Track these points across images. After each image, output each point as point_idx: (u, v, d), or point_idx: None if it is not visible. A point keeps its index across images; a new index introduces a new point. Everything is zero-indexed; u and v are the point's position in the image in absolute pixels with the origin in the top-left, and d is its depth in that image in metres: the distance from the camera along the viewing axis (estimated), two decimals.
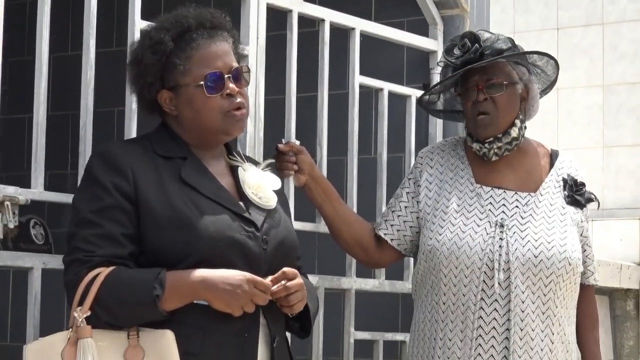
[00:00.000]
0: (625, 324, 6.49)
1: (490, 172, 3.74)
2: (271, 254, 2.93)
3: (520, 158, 3.78)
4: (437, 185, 3.76)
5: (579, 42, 6.96)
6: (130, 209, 2.80)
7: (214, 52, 2.96)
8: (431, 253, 3.64)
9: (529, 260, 3.58)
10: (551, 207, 3.71)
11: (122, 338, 2.73)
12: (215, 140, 3.00)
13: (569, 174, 3.80)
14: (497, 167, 3.73)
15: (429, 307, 3.68)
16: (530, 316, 3.58)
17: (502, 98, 3.63)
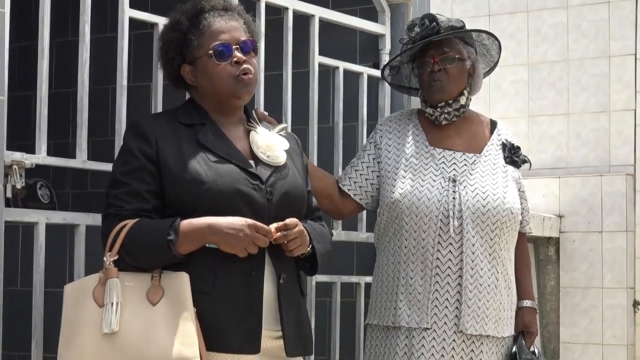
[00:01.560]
0: (548, 267, 6.54)
1: (441, 137, 3.79)
2: (276, 204, 2.95)
3: (466, 125, 3.84)
4: (396, 148, 3.79)
5: (507, 26, 6.96)
6: (153, 169, 2.86)
7: (223, 27, 3.01)
8: (394, 205, 3.67)
9: (479, 210, 3.63)
10: (494, 166, 3.77)
11: (146, 279, 2.78)
12: (230, 104, 3.03)
13: (507, 139, 3.86)
14: (447, 132, 3.79)
15: (392, 251, 3.72)
16: (479, 257, 3.63)
17: (453, 70, 3.71)
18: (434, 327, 3.63)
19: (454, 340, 3.63)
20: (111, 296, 2.71)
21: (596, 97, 6.60)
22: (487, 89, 6.85)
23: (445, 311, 3.64)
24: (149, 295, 2.75)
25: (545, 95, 6.80)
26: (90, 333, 2.69)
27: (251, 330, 2.90)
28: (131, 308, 2.72)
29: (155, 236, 2.77)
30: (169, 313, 2.74)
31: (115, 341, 2.69)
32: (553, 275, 6.54)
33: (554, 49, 6.78)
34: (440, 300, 3.63)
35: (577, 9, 6.70)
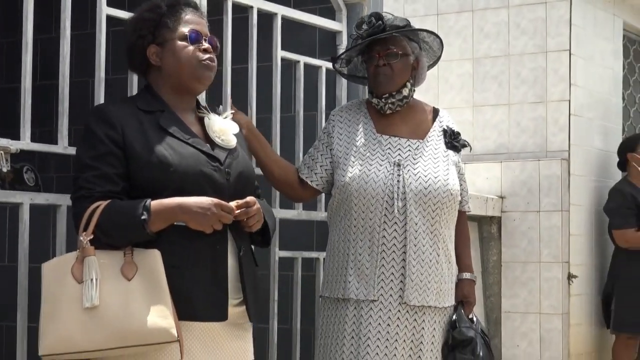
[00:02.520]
0: (490, 243, 6.58)
1: (388, 125, 3.79)
2: (233, 183, 2.97)
3: (410, 113, 3.83)
4: (346, 136, 3.79)
5: (454, 25, 6.98)
6: (120, 153, 2.84)
7: (196, 20, 3.04)
8: (344, 187, 3.68)
9: (421, 192, 3.64)
10: (436, 151, 3.77)
11: (119, 256, 2.76)
12: (190, 87, 3.03)
13: (448, 126, 3.86)
14: (393, 120, 3.79)
15: (342, 230, 3.72)
16: (421, 235, 3.64)
17: (397, 64, 3.71)
18: (381, 299, 3.65)
19: (399, 311, 3.65)
20: (90, 273, 2.69)
21: (534, 89, 6.63)
22: (436, 82, 6.89)
23: (390, 284, 3.65)
24: (123, 271, 2.74)
25: (488, 88, 6.83)
26: (72, 308, 2.67)
27: (219, 300, 2.92)
28: (108, 283, 2.71)
29: (130, 216, 2.76)
30: (144, 287, 2.73)
31: (96, 315, 2.67)
32: (495, 250, 6.59)
33: (496, 45, 6.81)
34: (386, 275, 3.65)
35: (517, 8, 6.73)
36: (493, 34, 6.82)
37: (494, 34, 6.82)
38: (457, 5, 6.99)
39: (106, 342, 2.67)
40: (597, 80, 6.89)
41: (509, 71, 6.74)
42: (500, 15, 6.80)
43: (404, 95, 3.75)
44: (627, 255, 6.39)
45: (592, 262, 6.72)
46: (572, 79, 6.54)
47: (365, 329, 3.64)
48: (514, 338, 6.50)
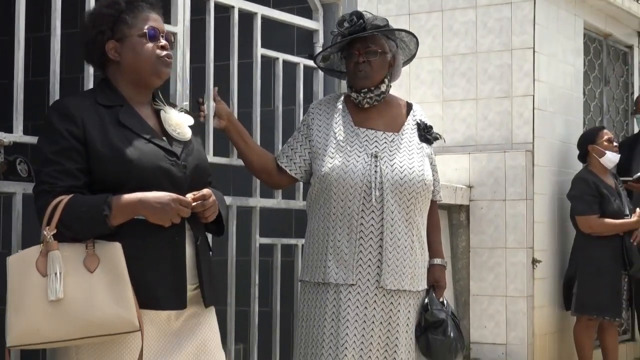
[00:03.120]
0: (459, 230, 6.61)
1: (365, 118, 3.79)
2: (189, 176, 2.94)
3: (386, 108, 3.84)
4: (325, 128, 3.79)
5: (425, 24, 6.98)
6: (81, 149, 2.79)
7: (154, 16, 2.99)
8: (324, 177, 3.68)
9: (397, 182, 3.64)
10: (410, 144, 3.77)
11: (81, 249, 2.72)
12: (148, 82, 2.98)
13: (421, 119, 3.86)
14: (369, 114, 3.79)
15: (322, 217, 3.72)
16: (397, 222, 3.65)
17: (375, 62, 3.71)
18: (359, 283, 3.65)
19: (376, 294, 3.65)
20: (54, 267, 2.65)
21: (500, 84, 6.65)
22: (408, 78, 6.90)
23: (368, 269, 3.65)
24: (86, 264, 2.71)
25: (457, 83, 6.85)
26: (37, 300, 2.64)
27: (178, 289, 2.91)
28: (72, 276, 2.68)
29: (92, 212, 2.72)
30: (106, 279, 2.70)
31: (61, 307, 2.64)
32: (464, 237, 6.61)
33: (465, 43, 6.83)
34: (364, 260, 3.65)
35: (484, 8, 6.75)
36: (461, 33, 6.84)
37: (462, 32, 6.84)
38: (428, 6, 7.00)
39: (71, 332, 2.65)
40: (560, 76, 6.92)
41: (477, 68, 6.76)
42: (468, 15, 6.81)
43: (382, 91, 3.76)
44: (588, 241, 6.41)
45: (554, 248, 6.76)
46: (536, 75, 6.57)
47: (344, 311, 3.65)
48: (482, 319, 6.53)
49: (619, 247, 6.32)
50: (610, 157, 6.47)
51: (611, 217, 6.34)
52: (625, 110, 8.13)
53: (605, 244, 6.34)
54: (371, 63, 3.71)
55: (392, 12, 7.09)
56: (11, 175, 5.00)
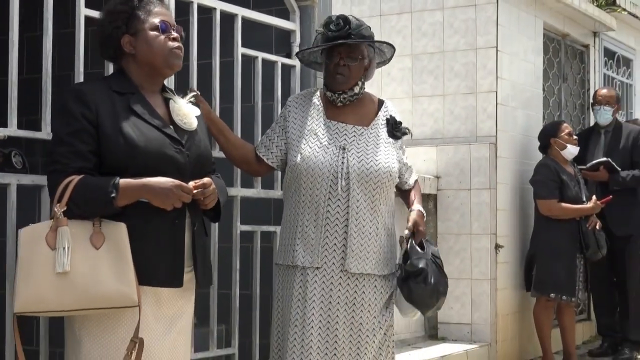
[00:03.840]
0: (428, 217, 6.53)
1: (338, 112, 3.78)
2: (192, 164, 2.96)
3: (359, 103, 3.82)
4: (300, 121, 3.79)
5: (395, 24, 7.00)
6: (93, 131, 2.81)
7: (165, 12, 3.04)
8: (295, 167, 3.68)
9: (362, 172, 3.64)
10: (378, 138, 3.77)
11: (88, 226, 2.75)
12: (161, 72, 3.01)
13: (391, 115, 3.86)
14: (342, 109, 3.79)
15: (293, 205, 3.73)
16: (362, 210, 3.64)
17: (354, 67, 3.71)
18: (324, 267, 3.65)
19: (340, 277, 3.66)
20: (62, 241, 2.69)
21: (466, 81, 6.68)
22: (380, 75, 6.91)
23: (333, 254, 3.65)
24: (92, 241, 2.74)
25: (425, 80, 6.86)
26: (45, 272, 2.67)
27: (176, 268, 2.94)
28: (78, 251, 2.71)
29: (100, 192, 2.74)
30: (110, 256, 2.73)
31: (67, 279, 2.67)
32: (432, 224, 6.64)
33: (433, 43, 6.85)
34: (330, 245, 3.65)
35: (451, 10, 6.76)
36: (429, 33, 6.85)
37: (430, 33, 6.85)
38: (398, 7, 7.01)
39: (74, 303, 2.68)
40: (521, 73, 6.95)
41: (444, 66, 6.78)
42: (436, 16, 6.83)
43: (355, 93, 3.75)
44: (547, 225, 6.42)
45: (515, 234, 6.79)
46: (499, 73, 6.59)
47: (310, 292, 3.65)
48: (449, 301, 6.45)
49: (576, 231, 6.35)
50: (570, 149, 6.50)
51: (570, 202, 6.36)
52: (581, 105, 8.18)
53: (563, 228, 6.35)
54: (350, 68, 3.70)
55: (365, 14, 7.10)
56: (7, 167, 4.98)
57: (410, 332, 6.39)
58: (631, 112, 9.30)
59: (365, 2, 7.18)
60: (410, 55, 6.92)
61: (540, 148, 6.68)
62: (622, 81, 9.14)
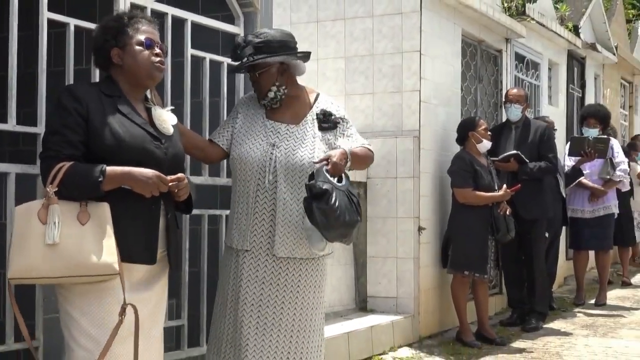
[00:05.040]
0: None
1: (275, 112, 3.79)
2: (169, 160, 3.06)
3: (294, 102, 3.82)
4: (245, 119, 3.81)
5: (330, 30, 7.01)
6: (83, 124, 2.90)
7: (151, 30, 3.11)
8: (232, 161, 3.73)
9: (289, 167, 3.65)
10: (307, 134, 3.75)
11: (75, 205, 2.84)
12: (144, 83, 3.10)
13: (323, 109, 3.81)
14: (280, 109, 3.79)
15: (233, 194, 3.78)
16: (289, 202, 3.65)
17: (262, 77, 3.71)
18: (253, 250, 3.68)
19: (267, 260, 3.68)
20: (53, 217, 2.76)
21: (393, 81, 6.73)
22: (316, 75, 6.94)
23: (261, 239, 3.68)
24: (79, 218, 2.81)
25: (357, 80, 6.90)
26: (37, 243, 2.74)
27: (150, 247, 3.03)
28: (66, 227, 2.78)
29: (89, 177, 2.83)
30: (95, 231, 2.81)
31: (56, 250, 2.74)
32: (362, 209, 6.64)
33: (363, 47, 6.89)
34: (258, 231, 3.68)
35: (380, 17, 6.81)
36: (361, 38, 6.90)
37: (361, 37, 6.89)
38: (333, 15, 7.03)
39: (62, 271, 2.75)
40: (442, 75, 7.02)
41: (373, 67, 6.82)
42: (366, 23, 6.87)
43: (271, 98, 3.75)
44: (462, 210, 6.50)
45: (436, 217, 6.87)
46: (422, 74, 6.66)
47: (241, 272, 3.70)
48: (377, 277, 6.62)
49: (488, 215, 6.42)
50: (485, 144, 6.59)
51: (483, 190, 6.44)
52: (495, 104, 8.29)
53: (477, 213, 6.43)
54: (259, 80, 3.72)
55: (302, 20, 7.12)
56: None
57: (343, 305, 6.44)
58: (539, 109, 9.46)
59: (302, 9, 7.18)
60: (343, 57, 6.95)
61: (457, 140, 6.74)
62: (530, 82, 9.29)
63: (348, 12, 6.95)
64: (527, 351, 6.37)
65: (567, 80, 10.62)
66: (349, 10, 6.95)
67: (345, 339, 5.60)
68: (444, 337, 6.70)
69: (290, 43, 3.76)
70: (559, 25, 9.98)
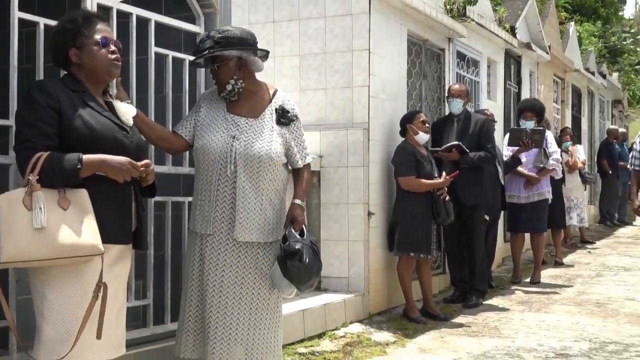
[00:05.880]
0: (313, 190, 6.69)
1: (235, 106, 3.81)
2: (135, 149, 3.09)
3: (252, 96, 3.84)
4: (207, 112, 3.83)
5: (286, 29, 7.02)
6: (56, 117, 2.91)
7: (106, 29, 3.12)
8: (196, 152, 3.75)
9: (247, 157, 3.67)
10: (265, 127, 3.78)
11: (54, 192, 2.84)
12: (103, 79, 3.11)
13: (281, 105, 3.85)
14: (239, 102, 3.81)
15: (196, 182, 3.81)
16: (248, 190, 3.68)
17: (220, 70, 3.75)
18: (215, 234, 3.71)
19: (227, 244, 3.71)
20: (38, 202, 2.77)
21: (344, 78, 6.75)
22: (273, 72, 6.94)
23: (222, 224, 3.71)
24: (60, 203, 2.82)
25: (310, 76, 6.91)
26: (24, 229, 2.74)
27: (125, 228, 3.08)
28: (50, 212, 2.79)
29: (67, 165, 2.84)
30: (77, 216, 2.83)
31: (43, 234, 2.75)
32: (316, 196, 6.71)
33: (317, 45, 6.90)
34: (219, 217, 3.71)
35: (331, 18, 6.82)
36: (314, 37, 6.90)
37: (314, 37, 6.90)
38: (288, 16, 7.03)
39: (50, 253, 2.76)
40: (389, 71, 7.05)
41: (326, 64, 6.84)
42: (319, 23, 6.89)
43: (229, 90, 3.78)
44: (406, 196, 6.54)
45: (384, 203, 6.91)
46: (371, 71, 6.68)
47: (204, 256, 3.73)
48: (330, 259, 6.65)
49: (430, 201, 6.48)
50: (422, 136, 6.62)
51: (424, 178, 6.50)
52: (438, 98, 8.35)
53: (420, 199, 6.48)
54: (218, 73, 3.76)
55: (260, 21, 7.11)
56: None
57: None
58: (479, 104, 9.55)
59: (260, 10, 7.18)
60: (298, 55, 6.96)
61: (400, 132, 6.80)
62: (471, 79, 9.38)
63: (302, 13, 6.95)
64: (468, 326, 6.46)
65: (505, 76, 10.74)
66: (303, 11, 6.95)
67: (301, 316, 5.63)
68: (391, 314, 6.75)
69: (249, 41, 3.78)
70: (497, 26, 10.09)
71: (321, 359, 5.20)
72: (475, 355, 5.45)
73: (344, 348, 5.50)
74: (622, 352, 5.54)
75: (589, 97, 17.29)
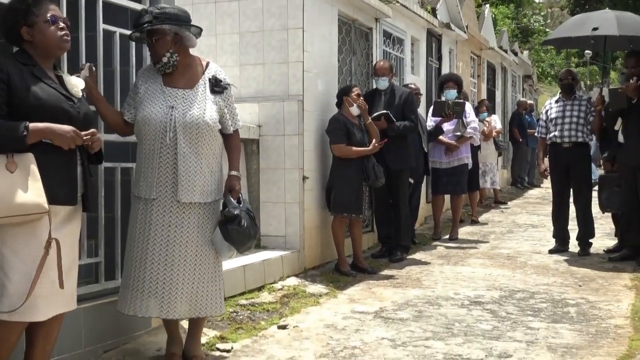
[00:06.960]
0: (252, 157, 6.71)
1: (170, 79, 3.81)
2: (82, 119, 3.08)
3: (187, 69, 3.83)
4: (145, 88, 3.82)
5: (227, 9, 6.95)
6: (5, 88, 2.88)
7: (54, 7, 3.10)
8: (137, 123, 3.75)
9: (186, 125, 3.68)
10: (200, 96, 3.78)
11: (3, 157, 2.82)
12: (54, 54, 3.10)
13: (213, 75, 3.85)
14: (174, 76, 3.80)
15: (139, 152, 3.81)
16: (188, 155, 3.69)
17: (158, 43, 3.73)
18: (159, 198, 3.73)
19: (172, 206, 3.73)
20: None
21: (280, 54, 6.73)
22: (215, 48, 6.89)
23: (166, 188, 3.72)
24: (7, 167, 2.81)
25: (249, 53, 6.88)
26: None
27: (72, 190, 3.06)
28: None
29: (14, 132, 2.82)
30: (24, 178, 2.81)
31: None
32: (255, 162, 6.73)
33: (255, 24, 6.86)
34: (163, 182, 3.72)
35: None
36: (253, 16, 6.86)
37: (253, 16, 6.86)
38: None
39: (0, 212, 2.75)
40: (321, 48, 7.06)
41: (264, 42, 6.81)
42: (257, 3, 6.84)
43: (164, 62, 3.76)
44: (340, 162, 6.59)
45: (318, 168, 6.95)
46: (305, 48, 6.68)
47: (150, 218, 3.73)
48: (269, 219, 6.68)
49: (361, 166, 6.56)
50: (355, 109, 6.70)
51: (356, 145, 6.56)
52: (367, 73, 8.39)
53: (352, 165, 6.54)
54: (155, 46, 3.74)
55: (202, 0, 7.02)
56: None
57: None
58: (403, 78, 9.64)
59: None
60: (238, 33, 6.92)
61: (336, 104, 6.84)
62: (396, 55, 9.45)
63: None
64: (393, 278, 6.58)
65: (427, 53, 10.84)
66: None
67: (242, 271, 5.67)
68: (324, 268, 6.82)
69: (185, 18, 3.79)
70: (420, 8, 10.17)
71: (260, 309, 5.25)
72: (400, 303, 5.57)
73: (281, 299, 5.56)
74: (529, 299, 5.73)
75: (503, 73, 17.58)
